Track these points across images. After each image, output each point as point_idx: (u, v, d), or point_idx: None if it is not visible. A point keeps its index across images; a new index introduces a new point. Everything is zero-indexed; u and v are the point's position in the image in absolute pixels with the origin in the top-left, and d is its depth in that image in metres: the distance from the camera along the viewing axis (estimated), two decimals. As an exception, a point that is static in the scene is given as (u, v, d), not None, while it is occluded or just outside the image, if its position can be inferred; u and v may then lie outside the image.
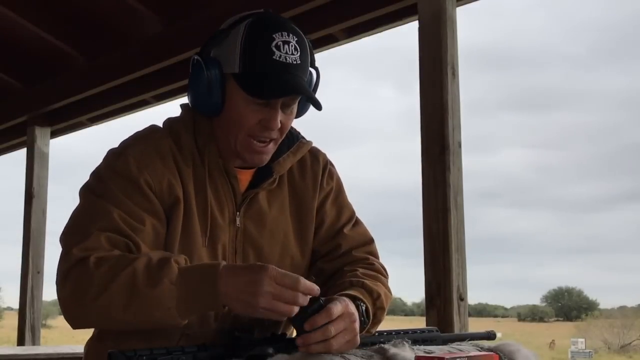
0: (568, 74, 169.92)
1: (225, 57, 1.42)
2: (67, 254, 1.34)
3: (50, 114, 4.93)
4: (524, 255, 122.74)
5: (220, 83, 1.42)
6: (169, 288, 1.25)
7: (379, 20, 3.12)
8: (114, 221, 1.35)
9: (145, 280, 1.26)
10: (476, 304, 61.38)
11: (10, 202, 32.51)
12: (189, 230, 1.42)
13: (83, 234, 1.34)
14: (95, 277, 1.28)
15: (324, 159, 1.63)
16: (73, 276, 1.31)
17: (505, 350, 1.35)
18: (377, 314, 1.45)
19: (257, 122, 1.42)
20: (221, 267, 1.27)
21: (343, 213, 1.62)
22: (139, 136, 1.48)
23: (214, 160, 1.47)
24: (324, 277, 1.59)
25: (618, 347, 28.84)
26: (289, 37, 1.40)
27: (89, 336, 1.55)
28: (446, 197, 2.53)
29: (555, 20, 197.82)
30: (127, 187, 1.39)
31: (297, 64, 1.40)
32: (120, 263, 1.29)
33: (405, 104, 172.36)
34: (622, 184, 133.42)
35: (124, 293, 1.27)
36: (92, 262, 1.29)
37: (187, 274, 1.27)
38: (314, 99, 1.43)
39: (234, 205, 1.48)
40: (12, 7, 4.10)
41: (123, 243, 1.34)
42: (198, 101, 1.46)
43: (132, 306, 1.27)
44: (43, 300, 5.03)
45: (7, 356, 3.50)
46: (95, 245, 1.32)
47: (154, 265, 1.28)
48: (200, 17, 3.63)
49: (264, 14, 1.45)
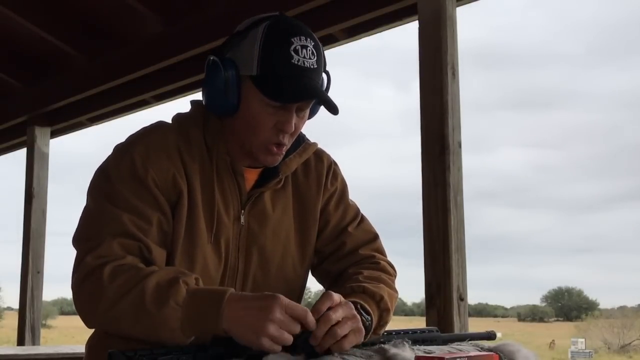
0: (567, 73, 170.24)
1: (242, 59, 1.42)
2: (81, 262, 1.36)
3: (50, 114, 4.94)
4: (524, 255, 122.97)
5: (236, 84, 1.42)
6: (175, 309, 1.26)
7: (379, 20, 3.12)
8: (124, 225, 1.36)
9: (152, 300, 1.27)
10: (476, 304, 61.47)
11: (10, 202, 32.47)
12: (193, 225, 1.43)
13: (95, 240, 1.36)
14: (107, 291, 1.30)
15: (329, 160, 1.64)
16: (87, 286, 1.34)
17: (505, 351, 1.35)
18: (383, 316, 1.45)
19: (272, 125, 1.43)
20: (229, 292, 1.27)
21: (347, 212, 1.62)
22: (146, 131, 1.49)
23: (222, 157, 1.48)
24: (330, 280, 1.60)
25: (618, 347, 28.86)
26: (306, 41, 1.41)
27: (90, 336, 1.55)
28: (446, 197, 2.53)
29: (554, 19, 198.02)
30: (134, 186, 1.39)
31: (314, 68, 1.42)
32: (132, 279, 1.30)
33: (404, 101, 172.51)
34: (621, 184, 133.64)
35: (133, 311, 1.29)
36: (106, 273, 1.31)
37: (194, 296, 1.28)
38: (331, 103, 1.43)
39: (239, 203, 1.49)
40: (12, 7, 4.10)
41: (135, 247, 1.36)
42: (213, 101, 1.46)
43: (140, 324, 1.29)
44: (43, 300, 5.03)
45: (7, 356, 3.51)
46: (108, 252, 1.34)
47: (163, 285, 1.29)
48: (200, 17, 3.63)
49: (282, 17, 1.45)
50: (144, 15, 3.87)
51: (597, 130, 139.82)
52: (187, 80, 4.01)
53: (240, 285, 1.50)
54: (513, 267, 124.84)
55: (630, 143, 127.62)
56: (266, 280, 1.52)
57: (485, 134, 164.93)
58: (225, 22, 3.47)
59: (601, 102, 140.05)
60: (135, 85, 4.23)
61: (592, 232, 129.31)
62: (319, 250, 1.61)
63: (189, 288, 1.29)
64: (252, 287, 1.50)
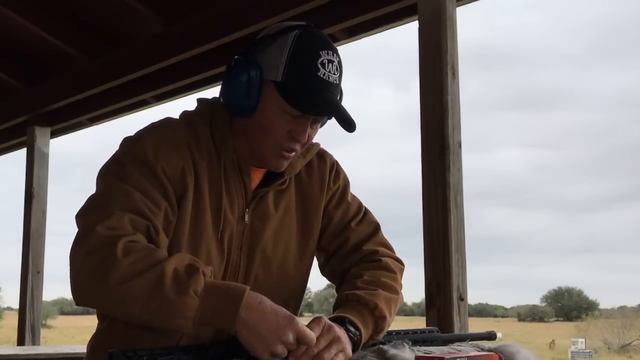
0: (566, 73, 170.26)
1: (268, 63, 1.43)
2: (89, 231, 1.31)
3: (50, 114, 4.94)
4: (523, 255, 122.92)
5: (258, 87, 1.43)
6: (193, 299, 1.25)
7: (379, 20, 3.13)
8: (135, 202, 1.35)
9: (171, 285, 1.25)
10: (476, 304, 61.45)
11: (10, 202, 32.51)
12: (200, 221, 1.43)
13: (105, 212, 1.33)
14: (122, 265, 1.26)
15: (331, 160, 1.65)
16: (98, 255, 1.28)
17: (505, 352, 1.36)
18: (379, 324, 1.45)
19: (285, 132, 1.44)
20: (247, 293, 1.28)
21: (350, 208, 1.63)
22: (155, 126, 1.49)
23: (229, 156, 1.48)
24: (337, 280, 1.61)
25: (618, 347, 28.85)
26: (333, 56, 1.43)
27: (90, 335, 1.56)
28: (446, 197, 2.53)
29: (554, 18, 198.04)
30: (145, 170, 1.39)
31: (336, 84, 1.44)
32: (150, 258, 1.28)
33: (403, 101, 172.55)
34: (622, 184, 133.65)
35: (148, 291, 1.25)
36: (120, 246, 1.27)
37: (212, 290, 1.27)
38: (350, 121, 1.44)
39: (244, 201, 1.50)
40: (12, 7, 4.10)
41: (144, 226, 1.34)
42: (232, 100, 1.47)
43: (152, 307, 1.26)
44: (43, 300, 5.03)
45: (7, 356, 3.51)
46: (118, 225, 1.31)
47: (182, 271, 1.27)
48: (200, 17, 3.63)
49: (311, 28, 1.47)
50: (144, 15, 3.87)
51: (597, 130, 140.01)
52: (187, 80, 4.02)
53: (242, 283, 1.49)
54: (513, 267, 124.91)
55: (630, 143, 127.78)
56: (268, 279, 1.52)
57: (485, 134, 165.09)
58: (225, 22, 3.48)
59: (601, 102, 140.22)
60: (135, 85, 4.23)
61: (592, 232, 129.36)
62: (323, 248, 1.62)
63: (207, 280, 1.28)
64: (253, 286, 1.49)
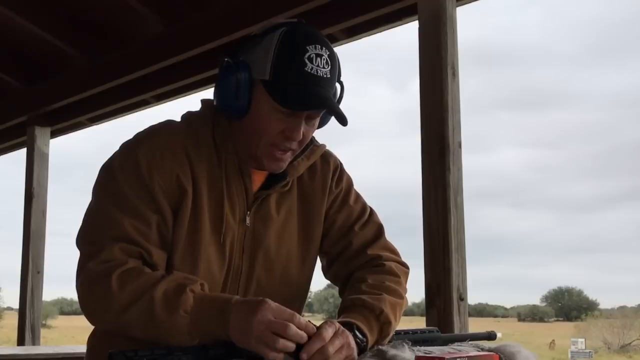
0: (565, 72, 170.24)
1: (256, 63, 1.42)
2: (84, 267, 1.38)
3: (50, 114, 4.94)
4: (523, 255, 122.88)
5: (248, 87, 1.42)
6: (184, 317, 1.30)
7: (379, 20, 3.13)
8: (125, 231, 1.38)
9: (161, 308, 1.31)
10: (476, 304, 61.41)
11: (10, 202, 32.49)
12: (197, 226, 1.43)
13: (98, 244, 1.38)
14: (118, 297, 1.33)
15: (335, 163, 1.63)
16: (95, 292, 1.36)
17: (506, 352, 1.35)
18: (384, 329, 1.45)
19: (279, 131, 1.43)
20: (234, 300, 1.31)
21: (353, 212, 1.62)
22: (153, 130, 1.49)
23: (230, 158, 1.48)
24: (341, 284, 1.60)
25: (618, 347, 28.84)
26: (321, 50, 1.41)
27: (90, 335, 1.55)
28: (446, 197, 2.53)
29: (552, 18, 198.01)
30: (136, 186, 1.40)
31: (327, 77, 1.42)
32: (141, 287, 1.33)
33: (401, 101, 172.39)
34: (621, 184, 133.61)
35: (143, 316, 1.32)
36: (114, 278, 1.33)
37: (201, 303, 1.32)
38: (341, 114, 1.44)
39: (245, 204, 1.49)
40: (12, 7, 4.10)
41: (136, 252, 1.38)
42: (224, 102, 1.47)
43: (150, 330, 1.32)
44: (43, 300, 5.03)
45: (7, 356, 3.50)
46: (110, 257, 1.36)
47: (170, 293, 1.32)
48: (200, 17, 3.63)
49: (299, 24, 1.46)
50: (144, 15, 3.86)
51: (596, 129, 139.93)
52: (187, 80, 4.01)
53: (244, 287, 1.49)
54: (513, 267, 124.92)
55: (629, 142, 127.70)
56: (270, 282, 1.52)
57: (485, 134, 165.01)
58: (225, 22, 3.47)
59: (600, 102, 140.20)
60: (135, 85, 4.23)
61: (592, 232, 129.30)
62: (326, 251, 1.61)
63: (196, 295, 1.32)
64: (255, 289, 1.50)
